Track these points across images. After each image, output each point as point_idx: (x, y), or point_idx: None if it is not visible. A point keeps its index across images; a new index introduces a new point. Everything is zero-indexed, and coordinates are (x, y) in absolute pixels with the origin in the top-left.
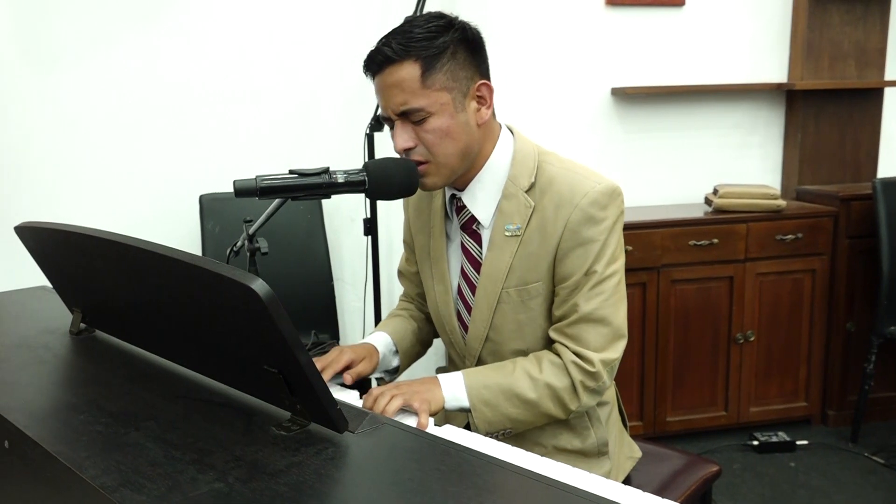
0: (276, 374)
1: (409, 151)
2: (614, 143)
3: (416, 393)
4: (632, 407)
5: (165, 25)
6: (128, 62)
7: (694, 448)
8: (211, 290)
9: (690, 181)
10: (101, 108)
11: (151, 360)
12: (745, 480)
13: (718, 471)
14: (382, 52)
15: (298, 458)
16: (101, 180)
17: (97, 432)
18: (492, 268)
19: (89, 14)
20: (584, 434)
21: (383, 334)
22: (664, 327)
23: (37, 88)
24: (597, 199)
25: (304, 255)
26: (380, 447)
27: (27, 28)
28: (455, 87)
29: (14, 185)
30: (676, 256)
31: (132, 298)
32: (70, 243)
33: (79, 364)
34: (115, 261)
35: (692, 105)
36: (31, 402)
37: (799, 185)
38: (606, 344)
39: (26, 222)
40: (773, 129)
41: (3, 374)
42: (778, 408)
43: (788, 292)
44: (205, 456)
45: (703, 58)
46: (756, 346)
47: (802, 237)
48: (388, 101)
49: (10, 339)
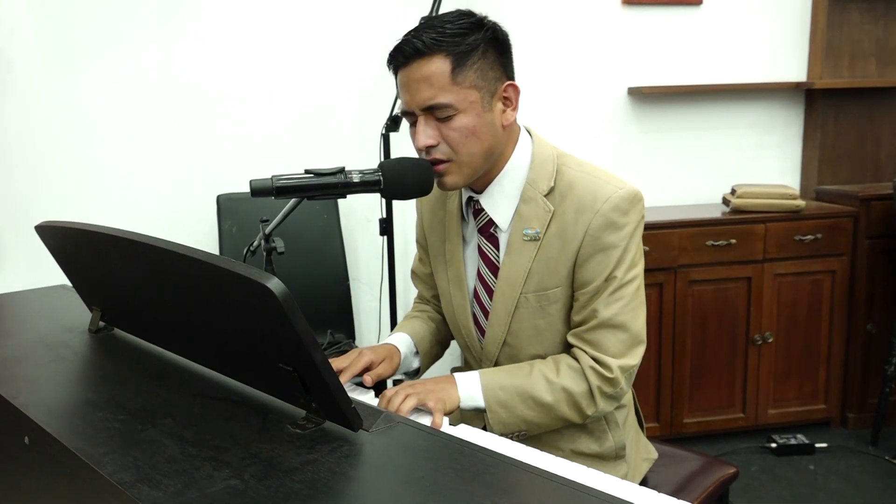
0: (291, 372)
1: (431, 149)
2: (631, 143)
3: (430, 392)
4: (648, 408)
5: (183, 27)
6: (146, 64)
7: (711, 450)
8: (227, 289)
9: (708, 181)
10: (120, 109)
11: (169, 359)
12: (763, 483)
13: (735, 473)
14: (412, 44)
15: (313, 455)
16: (119, 180)
17: (115, 429)
18: (510, 272)
19: (108, 17)
20: (602, 438)
21: (404, 335)
22: (681, 328)
23: (57, 90)
24: (618, 205)
25: (320, 255)
26: (394, 446)
27: (48, 31)
28: (484, 87)
29: (35, 184)
30: (694, 257)
31: (150, 297)
32: (89, 242)
33: (97, 362)
34: (134, 260)
35: (709, 104)
36: (50, 398)
37: (818, 185)
38: (625, 350)
39: (46, 221)
40: (791, 128)
41: (24, 371)
42: (796, 410)
43: (807, 293)
44: (221, 453)
45: (720, 57)
46: (774, 347)
47: (822, 238)
48: (413, 95)
49: (31, 337)
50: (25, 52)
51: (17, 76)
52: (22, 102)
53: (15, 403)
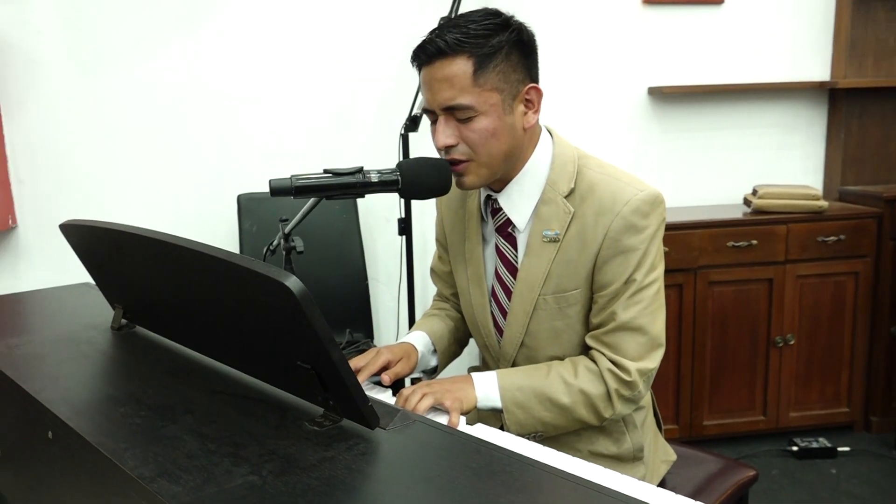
0: (309, 370)
1: (450, 149)
2: (651, 143)
3: (447, 392)
4: (667, 410)
5: (205, 29)
6: (169, 64)
7: (731, 453)
8: (246, 287)
9: (729, 182)
10: (144, 109)
11: (190, 356)
12: (784, 487)
13: (755, 475)
14: (435, 43)
15: (330, 453)
16: (142, 180)
17: (136, 425)
18: (529, 273)
19: (132, 18)
20: (620, 439)
21: (422, 334)
22: (701, 329)
23: (82, 90)
24: (639, 208)
25: (339, 254)
26: (410, 444)
27: (74, 33)
28: (506, 89)
29: (60, 184)
30: (714, 258)
31: (171, 295)
32: (112, 241)
33: (120, 358)
34: (155, 258)
35: (731, 104)
36: (73, 394)
37: (841, 185)
38: (644, 353)
39: (71, 220)
40: (814, 128)
41: (48, 367)
42: (819, 413)
43: (830, 295)
44: (239, 449)
45: (742, 56)
46: (796, 349)
47: (845, 239)
48: (434, 94)
49: (55, 334)
50: (51, 54)
51: (43, 77)
52: (48, 103)
53: (39, 399)
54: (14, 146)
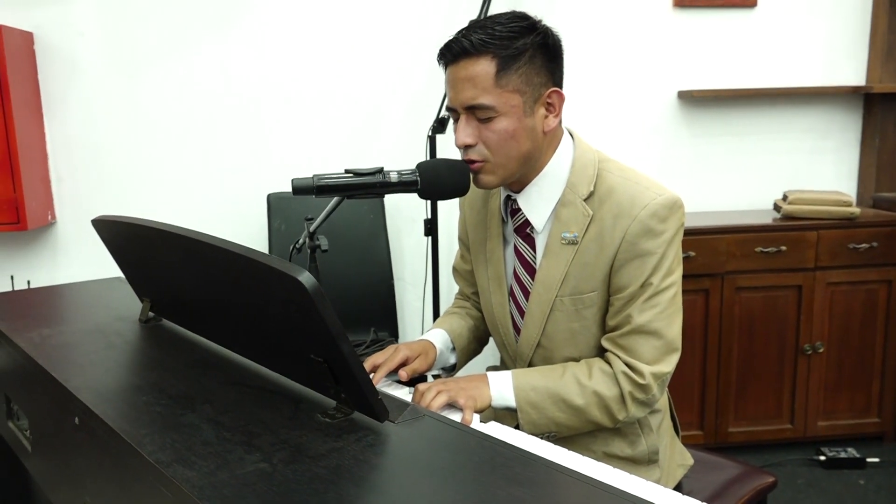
0: (321, 363)
1: (469, 148)
2: (680, 147)
3: (462, 390)
4: (692, 416)
5: (238, 31)
6: (203, 66)
7: (757, 461)
8: (262, 282)
9: (760, 187)
10: (178, 110)
11: (211, 349)
12: (809, 496)
13: (774, 482)
14: (461, 43)
15: (340, 443)
16: (176, 179)
17: (157, 412)
18: (546, 275)
19: (169, 23)
20: (635, 441)
21: (441, 331)
22: (727, 335)
23: (120, 92)
24: (657, 212)
25: (365, 254)
26: (418, 437)
27: (113, 36)
28: (528, 92)
29: (97, 181)
30: (742, 263)
31: (194, 289)
32: (140, 236)
33: (145, 350)
34: (179, 253)
35: (763, 108)
36: (99, 382)
37: (876, 192)
38: (659, 357)
39: (102, 216)
40: (848, 133)
41: (77, 356)
42: (848, 423)
43: (861, 303)
44: (253, 438)
45: (774, 60)
46: (825, 358)
47: (878, 246)
48: (457, 93)
49: (86, 326)
50: (91, 55)
51: (83, 78)
52: (87, 103)
53: (67, 386)
54: (55, 144)
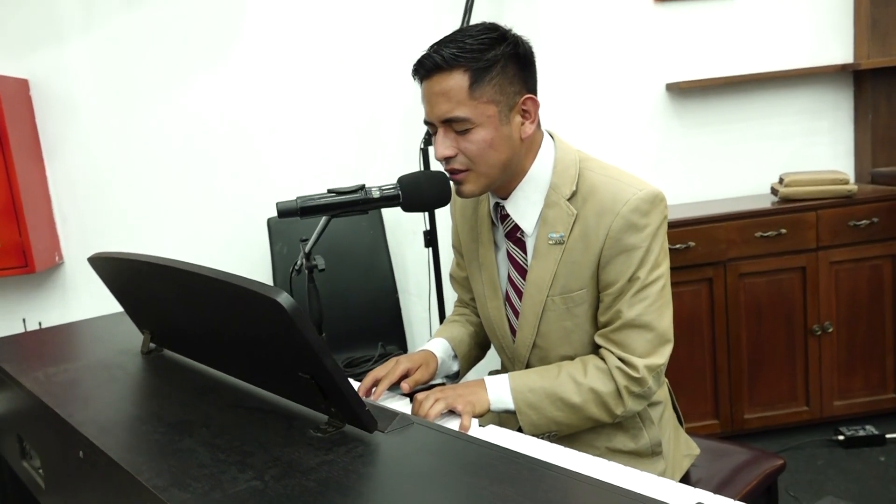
0: (309, 379)
1: (449, 160)
2: (673, 139)
3: (460, 396)
4: (706, 405)
5: (231, 60)
6: (198, 96)
7: (775, 445)
8: (246, 306)
9: (757, 172)
10: (176, 142)
11: (210, 374)
12: (830, 477)
13: (783, 465)
14: (433, 58)
15: (330, 456)
16: (178, 210)
17: (155, 440)
18: (537, 276)
19: (161, 57)
20: (637, 435)
21: (441, 340)
22: (735, 322)
23: (118, 129)
24: (638, 206)
25: (368, 269)
26: (407, 445)
27: (106, 76)
28: (502, 101)
29: (101, 217)
30: (743, 249)
31: (188, 318)
32: (134, 270)
33: (145, 380)
34: (171, 284)
35: (753, 94)
36: (102, 415)
37: (873, 167)
38: (651, 349)
39: (97, 253)
40: (841, 112)
41: (81, 392)
42: (864, 400)
43: (867, 279)
44: (247, 457)
45: (760, 44)
46: (836, 337)
47: (878, 221)
48: (433, 107)
49: (90, 361)
50: (86, 96)
51: (79, 119)
52: (85, 143)
53: (70, 421)
54: (57, 186)
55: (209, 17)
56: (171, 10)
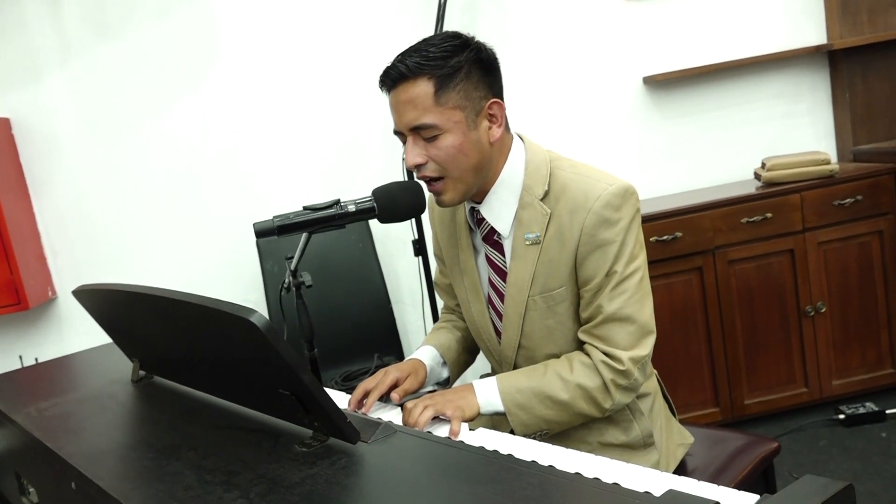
0: (290, 396)
1: (421, 167)
2: (654, 132)
3: (448, 402)
4: (706, 394)
5: (210, 83)
6: (180, 123)
7: (776, 429)
8: (222, 327)
9: (739, 159)
10: (161, 169)
11: (198, 398)
12: (833, 456)
13: (777, 448)
14: (397, 68)
15: (314, 470)
16: (168, 236)
17: (144, 466)
18: (516, 277)
19: (140, 84)
20: (628, 428)
21: (429, 348)
22: (728, 310)
23: (101, 160)
24: (609, 202)
25: (360, 282)
26: (389, 453)
27: (87, 108)
28: (468, 106)
29: (93, 251)
30: (730, 236)
31: (171, 344)
32: (116, 300)
33: (135, 408)
34: (152, 311)
35: (730, 82)
36: (92, 446)
37: (854, 145)
38: (635, 341)
39: (81, 286)
40: (819, 93)
41: (72, 424)
42: (862, 378)
43: (856, 257)
44: (232, 477)
45: (734, 31)
46: (829, 317)
47: (862, 199)
48: (400, 116)
49: (81, 394)
50: (68, 130)
51: (63, 153)
52: (70, 176)
53: (60, 454)
54: (45, 221)
55: (184, 42)
56: (146, 39)
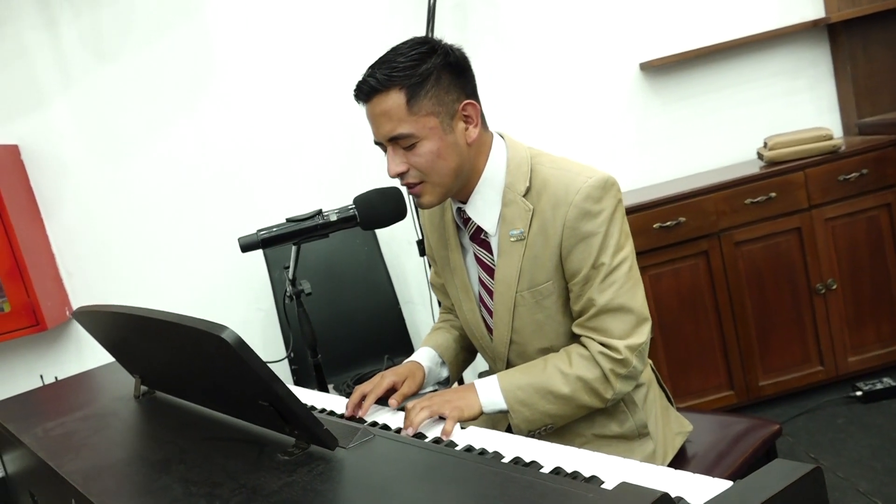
0: (268, 406)
1: (403, 175)
2: (654, 117)
3: (447, 402)
4: (720, 378)
5: (210, 99)
6: (182, 141)
7: (793, 409)
8: (199, 344)
9: (741, 140)
10: (167, 187)
11: (191, 410)
12: (852, 434)
13: (778, 430)
14: (368, 82)
15: (293, 477)
16: (178, 253)
17: (136, 481)
18: (504, 274)
19: (142, 106)
20: (622, 418)
21: (427, 349)
22: (737, 292)
23: (109, 181)
24: (590, 194)
25: (368, 285)
26: (366, 458)
27: (93, 131)
28: (442, 111)
29: (105, 270)
30: (735, 218)
31: (162, 360)
32: (110, 321)
33: (135, 424)
34: (141, 330)
35: (728, 62)
36: (90, 463)
37: (859, 119)
38: (630, 330)
39: (80, 308)
40: (820, 68)
41: (73, 442)
42: (878, 353)
43: (865, 232)
44: (215, 488)
45: (730, 11)
46: (841, 293)
47: (868, 173)
48: (377, 128)
49: (84, 413)
50: (76, 154)
51: (72, 176)
52: (80, 198)
53: (60, 472)
54: (58, 243)
55: (181, 61)
56: (143, 60)
